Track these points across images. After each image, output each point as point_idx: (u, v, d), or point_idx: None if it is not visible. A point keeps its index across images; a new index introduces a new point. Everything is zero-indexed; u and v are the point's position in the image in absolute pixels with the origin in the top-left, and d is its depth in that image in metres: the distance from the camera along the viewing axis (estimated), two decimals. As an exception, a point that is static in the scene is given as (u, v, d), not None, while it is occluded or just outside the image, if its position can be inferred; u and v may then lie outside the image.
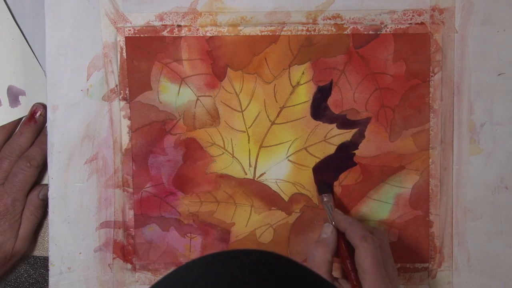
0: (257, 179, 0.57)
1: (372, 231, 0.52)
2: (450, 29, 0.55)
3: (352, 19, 0.55)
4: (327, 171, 0.57)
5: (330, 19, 0.55)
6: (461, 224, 0.56)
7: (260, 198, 0.57)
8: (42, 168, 0.59)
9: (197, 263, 0.34)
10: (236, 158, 0.57)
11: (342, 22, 0.55)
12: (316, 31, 0.55)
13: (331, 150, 0.57)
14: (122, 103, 0.56)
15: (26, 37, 0.59)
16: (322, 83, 0.56)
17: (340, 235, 0.52)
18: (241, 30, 0.56)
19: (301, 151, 0.57)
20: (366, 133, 0.56)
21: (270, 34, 0.56)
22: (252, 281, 0.32)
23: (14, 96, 0.59)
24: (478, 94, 0.55)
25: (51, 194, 0.57)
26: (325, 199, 0.55)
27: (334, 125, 0.56)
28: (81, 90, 0.56)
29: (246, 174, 0.57)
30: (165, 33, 0.56)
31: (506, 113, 0.55)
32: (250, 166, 0.57)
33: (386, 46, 0.55)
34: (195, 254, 0.58)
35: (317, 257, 0.50)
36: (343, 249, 0.52)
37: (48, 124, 0.57)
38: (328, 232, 0.52)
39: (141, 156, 0.57)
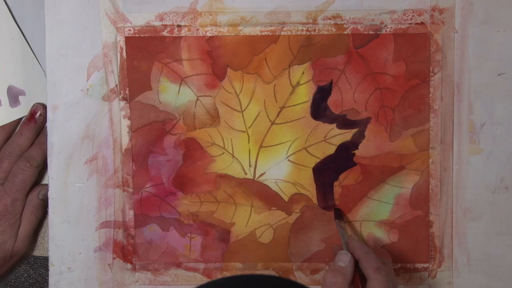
0: (257, 179, 0.57)
1: (384, 262, 0.51)
2: (450, 29, 0.55)
3: (352, 19, 0.55)
4: (327, 171, 0.57)
5: (330, 19, 0.55)
6: (461, 224, 0.56)
7: (260, 198, 0.57)
8: (42, 168, 0.59)
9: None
10: (236, 158, 0.57)
11: (342, 22, 0.55)
12: (316, 31, 0.55)
13: (331, 150, 0.57)
14: (122, 103, 0.56)
15: (26, 37, 0.59)
16: (322, 83, 0.56)
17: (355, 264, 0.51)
18: (241, 30, 0.56)
19: (301, 151, 0.57)
20: (366, 133, 0.56)
21: (270, 34, 0.56)
22: None
23: (14, 96, 0.59)
24: (478, 94, 0.55)
25: (51, 194, 0.57)
26: (342, 225, 0.55)
27: (334, 125, 0.56)
28: (81, 90, 0.56)
29: (246, 174, 0.57)
30: (165, 33, 0.56)
31: (506, 113, 0.55)
32: (250, 166, 0.57)
33: (386, 46, 0.55)
34: (195, 254, 0.58)
35: (335, 286, 0.49)
36: (358, 280, 0.51)
37: (48, 124, 0.57)
38: (346, 261, 0.51)
39: (141, 156, 0.57)
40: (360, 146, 0.56)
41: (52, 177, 0.57)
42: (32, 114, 0.58)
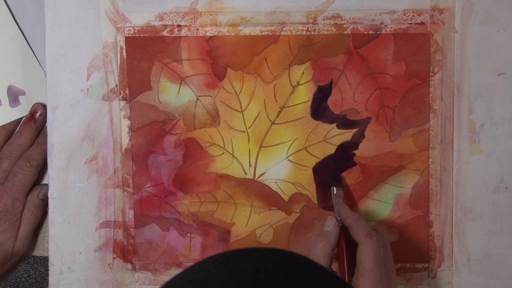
0: (257, 179, 0.57)
1: (376, 229, 0.51)
2: (450, 29, 0.55)
3: (352, 19, 0.55)
4: (327, 171, 0.57)
5: (330, 19, 0.55)
6: (461, 224, 0.56)
7: (260, 198, 0.57)
8: (42, 168, 0.59)
9: (211, 261, 0.34)
10: (236, 158, 0.57)
11: (342, 22, 0.55)
12: (316, 31, 0.55)
13: (331, 150, 0.57)
14: (122, 103, 0.56)
15: (26, 37, 0.59)
16: (322, 83, 0.56)
17: (342, 230, 0.52)
18: (241, 30, 0.56)
19: (301, 151, 0.57)
20: (366, 133, 0.56)
21: (270, 34, 0.56)
22: (268, 279, 0.32)
23: (14, 96, 0.59)
24: (478, 94, 0.55)
25: (51, 194, 0.57)
26: (336, 192, 0.55)
27: (334, 125, 0.56)
28: (81, 90, 0.56)
29: (246, 174, 0.57)
30: (165, 33, 0.56)
31: (506, 113, 0.55)
32: (250, 166, 0.57)
33: (386, 46, 0.55)
34: (195, 254, 0.58)
35: (318, 249, 0.50)
36: (342, 245, 0.51)
37: (48, 124, 0.57)
38: (330, 225, 0.52)
39: (141, 156, 0.57)
40: (360, 146, 0.56)
41: (52, 177, 0.57)
42: (32, 114, 0.58)
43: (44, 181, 0.60)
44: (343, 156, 0.57)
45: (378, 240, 0.49)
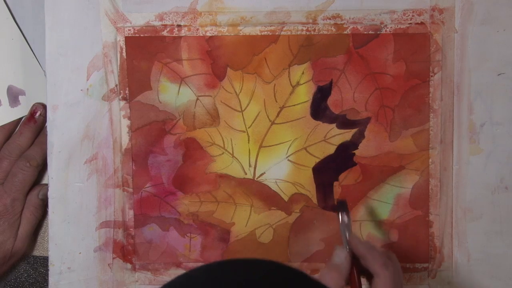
0: (257, 179, 0.57)
1: (389, 256, 0.50)
2: (450, 29, 0.55)
3: (352, 19, 0.55)
4: (327, 171, 0.57)
5: (330, 19, 0.55)
6: (461, 224, 0.56)
7: (260, 198, 0.57)
8: (42, 168, 0.59)
9: (200, 272, 0.34)
10: (236, 158, 0.57)
11: (342, 22, 0.55)
12: (316, 31, 0.55)
13: (331, 150, 0.57)
14: (122, 103, 0.57)
15: (26, 37, 0.59)
16: (322, 83, 0.56)
17: (353, 261, 0.50)
18: (241, 30, 0.56)
19: (301, 151, 0.57)
20: (366, 133, 0.56)
21: (270, 34, 0.56)
22: None
23: (14, 96, 0.59)
24: (478, 94, 0.55)
25: (51, 194, 0.57)
26: (345, 221, 0.51)
27: (334, 125, 0.56)
28: (81, 90, 0.56)
29: (246, 174, 0.57)
30: (165, 33, 0.56)
31: (506, 113, 0.55)
32: (250, 166, 0.57)
33: (386, 46, 0.55)
34: (195, 254, 0.58)
35: (330, 283, 0.48)
36: (355, 278, 0.49)
37: (48, 124, 0.57)
38: (342, 257, 0.50)
39: (141, 156, 0.57)
40: (360, 146, 0.56)
41: (52, 177, 0.57)
42: (32, 114, 0.58)
43: (44, 181, 0.60)
44: (343, 156, 0.57)
45: (394, 270, 0.48)
